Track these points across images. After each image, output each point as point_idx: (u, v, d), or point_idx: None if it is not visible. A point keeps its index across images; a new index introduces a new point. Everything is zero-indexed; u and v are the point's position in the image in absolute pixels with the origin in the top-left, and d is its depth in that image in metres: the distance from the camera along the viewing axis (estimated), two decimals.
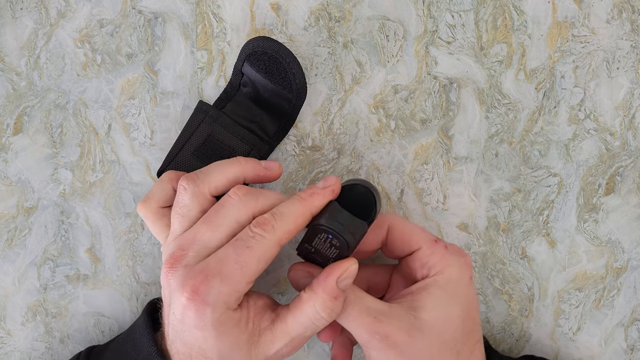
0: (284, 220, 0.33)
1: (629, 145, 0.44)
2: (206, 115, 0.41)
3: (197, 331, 0.32)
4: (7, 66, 0.44)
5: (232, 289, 0.32)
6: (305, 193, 0.34)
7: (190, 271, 0.32)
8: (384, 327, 0.33)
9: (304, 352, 0.44)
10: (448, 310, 0.34)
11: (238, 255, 0.32)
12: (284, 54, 0.41)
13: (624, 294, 0.44)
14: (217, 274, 0.31)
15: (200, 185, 0.35)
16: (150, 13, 0.44)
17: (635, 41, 0.44)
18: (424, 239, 0.36)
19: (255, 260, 0.32)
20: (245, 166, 0.36)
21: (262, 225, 0.32)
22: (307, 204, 0.34)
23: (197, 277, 0.32)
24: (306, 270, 0.35)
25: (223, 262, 0.32)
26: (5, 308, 0.44)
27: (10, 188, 0.44)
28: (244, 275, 0.32)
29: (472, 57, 0.44)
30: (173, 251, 0.34)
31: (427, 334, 0.33)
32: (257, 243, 0.32)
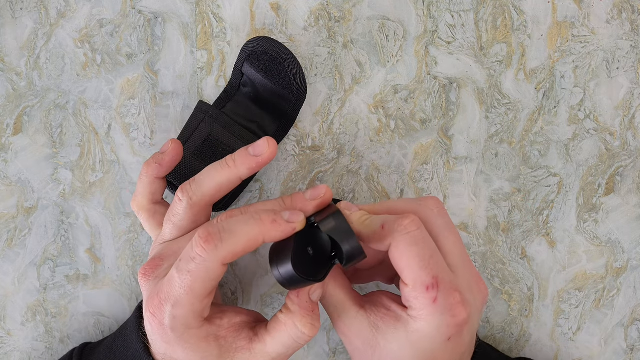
0: (231, 241, 0.30)
1: (628, 145, 0.44)
2: (206, 115, 0.41)
3: (165, 344, 0.32)
4: (7, 66, 0.44)
5: (185, 311, 0.31)
6: (267, 216, 0.31)
7: (154, 288, 0.32)
8: (343, 327, 0.34)
9: (304, 352, 0.44)
10: (400, 355, 0.32)
11: (181, 280, 0.30)
12: (284, 54, 0.41)
13: (624, 294, 0.44)
14: (168, 298, 0.31)
15: (194, 197, 0.34)
16: (150, 13, 0.44)
17: (635, 41, 0.44)
18: (415, 280, 0.31)
19: (200, 283, 0.30)
20: (235, 168, 0.34)
21: (204, 244, 0.30)
22: (263, 229, 0.31)
23: (154, 300, 0.31)
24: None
25: (171, 286, 0.31)
26: (5, 308, 0.44)
27: (10, 188, 0.44)
28: (193, 297, 0.31)
29: (472, 57, 0.44)
30: (153, 258, 0.34)
31: (377, 358, 0.33)
32: (197, 267, 0.30)
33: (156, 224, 0.38)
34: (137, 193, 0.38)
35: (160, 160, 0.37)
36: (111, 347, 0.37)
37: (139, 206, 0.38)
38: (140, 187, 0.38)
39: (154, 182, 0.38)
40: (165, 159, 0.37)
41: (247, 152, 0.34)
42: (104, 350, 0.38)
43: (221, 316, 0.34)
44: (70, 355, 0.39)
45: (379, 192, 0.44)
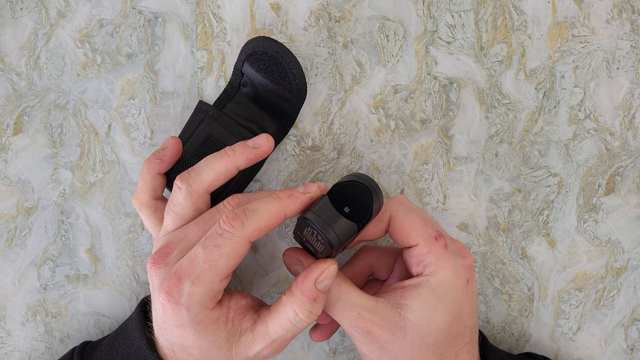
0: (256, 218, 0.32)
1: (628, 145, 0.44)
2: (206, 115, 0.41)
3: (176, 329, 0.33)
4: (7, 66, 0.44)
5: (204, 289, 0.32)
6: (284, 193, 0.34)
7: (168, 271, 0.33)
8: (366, 323, 0.33)
9: (304, 352, 0.44)
10: (433, 315, 0.33)
11: (207, 254, 0.32)
12: (284, 54, 0.41)
13: (624, 294, 0.44)
14: (188, 275, 0.32)
15: (193, 184, 0.35)
16: (150, 13, 0.44)
17: (635, 41, 0.44)
18: (423, 236, 0.34)
19: (224, 259, 0.32)
20: (234, 157, 0.36)
21: (232, 221, 0.32)
22: (282, 204, 0.33)
23: (171, 279, 0.32)
24: (296, 257, 0.35)
25: (193, 263, 0.32)
26: (5, 308, 0.44)
27: (10, 188, 0.44)
28: (214, 274, 0.32)
29: (472, 57, 0.44)
30: (161, 247, 0.34)
31: (409, 335, 0.33)
32: (225, 241, 0.32)
33: (157, 220, 0.38)
34: (138, 190, 0.39)
35: (162, 155, 0.38)
36: (113, 344, 0.37)
37: (140, 202, 0.38)
38: (142, 183, 0.38)
39: (155, 178, 0.38)
40: (166, 154, 0.38)
41: (246, 144, 0.37)
42: (105, 348, 0.38)
43: (229, 298, 0.35)
44: (71, 354, 0.39)
45: None
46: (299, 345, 0.44)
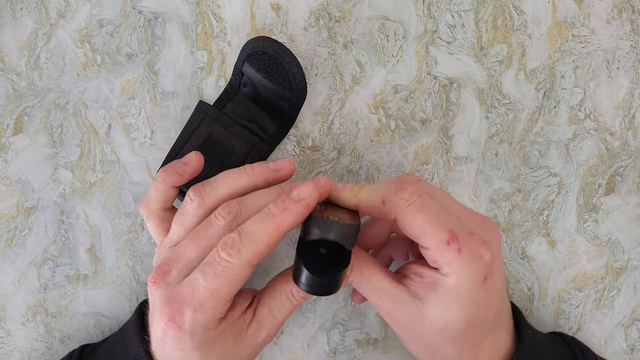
0: (252, 242, 0.31)
1: (629, 145, 0.44)
2: (206, 115, 0.41)
3: (178, 352, 0.32)
4: (7, 66, 0.44)
5: (207, 315, 0.32)
6: (277, 208, 0.32)
7: (169, 294, 0.32)
8: (387, 306, 0.34)
9: (304, 352, 0.44)
10: (449, 314, 0.33)
11: (207, 282, 0.31)
12: (284, 54, 0.41)
13: (624, 294, 0.44)
14: (190, 302, 0.31)
15: (207, 198, 0.34)
16: (150, 13, 0.44)
17: (635, 41, 0.44)
18: (434, 241, 0.32)
19: (226, 286, 0.31)
20: (253, 176, 0.35)
21: (229, 249, 0.31)
22: (277, 221, 0.32)
23: (172, 305, 0.31)
24: None
25: (195, 290, 0.31)
26: (5, 308, 0.44)
27: (10, 188, 0.44)
28: (217, 301, 0.31)
29: (472, 57, 0.44)
30: (160, 264, 0.33)
31: (426, 325, 0.33)
32: (224, 270, 0.31)
33: (164, 230, 0.37)
34: (149, 199, 0.37)
35: (182, 171, 0.37)
36: (110, 351, 0.37)
37: (149, 211, 0.37)
38: (155, 193, 0.37)
39: (169, 190, 0.37)
40: (186, 171, 0.37)
41: (267, 165, 0.35)
42: (104, 353, 0.38)
43: (233, 306, 0.34)
44: (70, 357, 0.39)
45: None
46: (298, 345, 0.44)
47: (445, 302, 0.32)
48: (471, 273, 0.32)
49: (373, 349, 0.44)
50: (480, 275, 0.32)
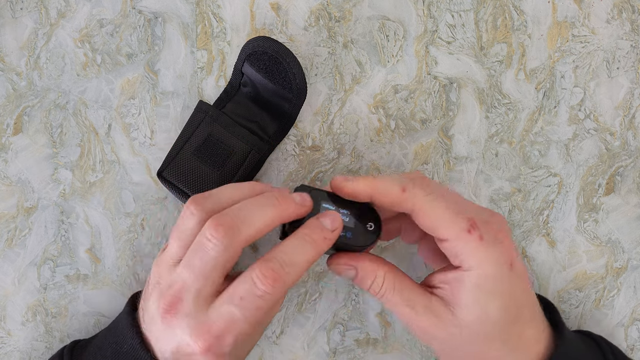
0: (295, 271, 0.31)
1: (629, 145, 0.44)
2: (206, 115, 0.41)
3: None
4: (7, 66, 0.44)
5: (246, 337, 0.32)
6: (318, 235, 0.32)
7: (197, 325, 0.31)
8: (421, 321, 0.33)
9: (304, 352, 0.44)
10: (487, 308, 0.31)
11: (246, 317, 0.31)
12: (284, 54, 0.41)
13: (624, 294, 0.44)
14: (229, 333, 0.31)
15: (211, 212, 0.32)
16: (150, 13, 0.44)
17: (635, 41, 0.44)
18: (453, 231, 0.31)
19: (265, 314, 0.32)
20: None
21: (272, 282, 0.30)
22: (319, 249, 0.32)
23: (206, 337, 0.31)
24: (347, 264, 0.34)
25: (232, 323, 0.31)
26: (5, 308, 0.44)
27: (10, 188, 0.44)
28: (256, 326, 0.32)
29: (472, 57, 0.44)
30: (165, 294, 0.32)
31: (466, 332, 0.32)
32: (265, 303, 0.31)
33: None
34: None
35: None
36: (102, 344, 0.37)
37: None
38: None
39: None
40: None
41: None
42: (95, 348, 0.37)
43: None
44: (61, 353, 0.39)
45: None
46: (299, 345, 0.44)
47: (478, 299, 0.32)
48: (496, 258, 0.31)
49: (373, 349, 0.44)
50: (506, 260, 0.31)
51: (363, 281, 0.34)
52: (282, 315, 0.44)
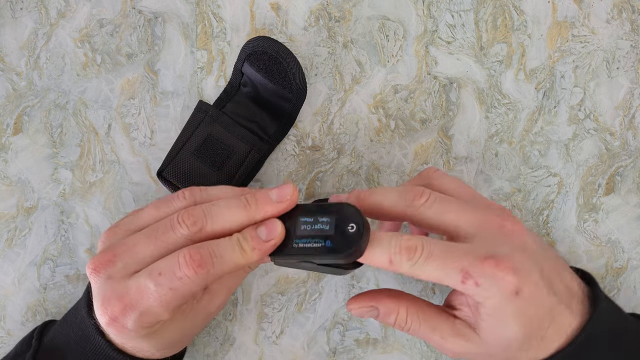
0: (220, 268, 0.30)
1: (628, 145, 0.44)
2: (206, 115, 0.41)
3: (124, 340, 0.32)
4: (7, 66, 0.44)
5: (153, 319, 0.31)
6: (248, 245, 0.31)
7: (110, 289, 0.31)
8: (450, 346, 0.34)
9: (304, 352, 0.44)
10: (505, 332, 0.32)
11: (159, 293, 0.30)
12: (284, 54, 0.41)
13: (623, 294, 0.44)
14: (135, 306, 0.30)
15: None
16: (150, 13, 0.44)
17: (635, 41, 0.44)
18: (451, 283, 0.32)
19: (178, 300, 0.30)
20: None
21: (197, 267, 0.29)
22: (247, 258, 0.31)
23: (115, 304, 0.30)
24: (368, 305, 0.35)
25: (142, 295, 0.30)
26: (5, 308, 0.44)
27: (10, 188, 0.44)
28: (165, 310, 0.31)
29: (472, 57, 0.44)
30: (105, 250, 0.32)
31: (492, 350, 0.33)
32: (182, 286, 0.30)
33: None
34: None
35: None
36: (65, 318, 0.37)
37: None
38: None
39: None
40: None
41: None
42: (60, 322, 0.38)
43: None
44: (32, 332, 0.39)
45: None
46: (298, 345, 0.44)
47: (493, 324, 0.32)
48: (499, 295, 0.31)
49: (373, 349, 0.44)
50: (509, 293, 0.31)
51: (387, 318, 0.34)
52: (282, 315, 0.44)
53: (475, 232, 0.33)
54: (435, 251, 0.31)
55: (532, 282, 0.32)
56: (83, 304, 0.35)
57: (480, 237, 0.33)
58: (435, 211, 0.33)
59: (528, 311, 0.32)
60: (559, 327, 0.33)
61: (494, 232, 0.33)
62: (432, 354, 0.44)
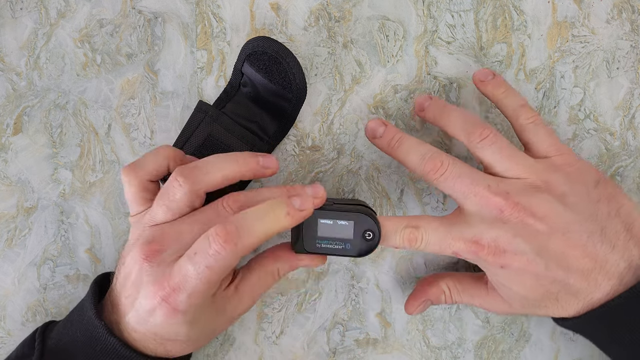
0: (249, 238, 0.32)
1: (628, 145, 0.44)
2: (206, 115, 0.41)
3: (167, 325, 0.34)
4: (7, 66, 0.44)
5: (200, 297, 0.33)
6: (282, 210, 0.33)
7: (160, 275, 0.33)
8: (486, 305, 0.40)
9: (304, 352, 0.44)
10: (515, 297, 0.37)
11: (198, 273, 0.32)
12: (284, 54, 0.41)
13: None
14: (183, 288, 0.32)
15: (197, 184, 0.35)
16: (150, 13, 0.44)
17: (635, 41, 0.44)
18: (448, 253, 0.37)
19: (217, 275, 0.32)
20: (243, 166, 0.36)
21: (223, 243, 0.31)
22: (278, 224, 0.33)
23: (165, 287, 0.33)
24: (422, 301, 0.41)
25: (187, 279, 0.32)
26: (5, 308, 0.44)
27: (10, 188, 0.44)
28: (210, 286, 0.33)
29: (472, 57, 0.44)
30: (153, 242, 0.34)
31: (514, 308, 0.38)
32: (216, 262, 0.31)
33: (144, 199, 0.37)
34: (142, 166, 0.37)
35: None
36: (68, 319, 0.38)
37: (135, 177, 0.36)
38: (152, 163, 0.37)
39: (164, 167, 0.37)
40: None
41: (257, 159, 0.36)
42: (63, 323, 0.38)
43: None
44: (34, 332, 0.39)
45: (379, 192, 0.44)
46: (298, 345, 0.44)
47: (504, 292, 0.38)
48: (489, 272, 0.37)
49: (373, 349, 0.44)
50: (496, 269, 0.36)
51: (438, 301, 0.41)
52: (282, 316, 0.44)
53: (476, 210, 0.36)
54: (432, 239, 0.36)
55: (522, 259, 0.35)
56: (89, 305, 0.36)
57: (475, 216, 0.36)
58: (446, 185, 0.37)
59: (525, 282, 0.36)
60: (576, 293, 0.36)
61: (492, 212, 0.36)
62: (432, 354, 0.44)
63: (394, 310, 0.44)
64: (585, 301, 0.36)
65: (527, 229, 0.35)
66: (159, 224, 0.35)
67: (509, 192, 0.35)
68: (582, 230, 0.35)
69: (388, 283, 0.44)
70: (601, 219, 0.35)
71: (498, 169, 0.37)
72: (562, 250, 0.35)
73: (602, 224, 0.35)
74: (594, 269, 0.35)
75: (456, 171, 0.36)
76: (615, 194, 0.36)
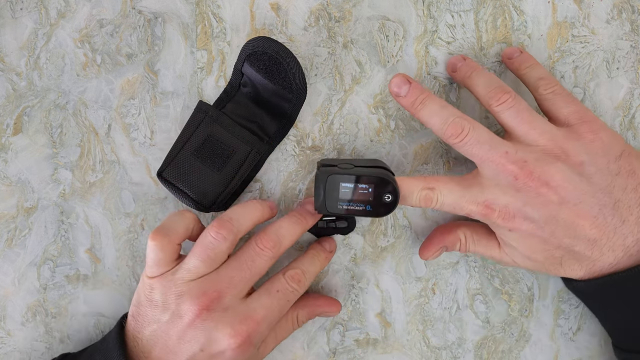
0: (311, 277, 0.40)
1: None
2: (206, 116, 0.41)
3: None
4: (7, 66, 0.44)
5: (268, 330, 0.38)
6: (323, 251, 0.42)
7: (236, 316, 0.36)
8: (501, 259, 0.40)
9: (304, 352, 0.44)
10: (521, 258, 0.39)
11: (281, 307, 0.38)
12: (284, 54, 0.41)
13: None
14: (264, 320, 0.37)
15: (238, 235, 0.38)
16: (150, 13, 0.44)
17: (635, 41, 0.44)
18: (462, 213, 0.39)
19: (288, 307, 0.39)
20: (264, 212, 0.40)
21: (298, 283, 0.39)
22: (322, 261, 0.42)
23: (249, 323, 0.36)
24: (438, 247, 0.42)
25: (269, 312, 0.37)
26: (5, 308, 0.44)
27: (10, 188, 0.44)
28: (279, 317, 0.39)
29: (472, 57, 0.44)
30: (205, 293, 0.36)
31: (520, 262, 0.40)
32: (294, 296, 0.39)
33: (170, 262, 0.38)
34: (173, 231, 0.38)
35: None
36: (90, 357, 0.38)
37: (168, 243, 0.37)
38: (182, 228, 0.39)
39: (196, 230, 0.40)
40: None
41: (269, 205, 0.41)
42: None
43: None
44: None
45: None
46: (298, 346, 0.44)
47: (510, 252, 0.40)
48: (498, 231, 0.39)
49: (373, 349, 0.44)
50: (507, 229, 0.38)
51: (453, 249, 0.42)
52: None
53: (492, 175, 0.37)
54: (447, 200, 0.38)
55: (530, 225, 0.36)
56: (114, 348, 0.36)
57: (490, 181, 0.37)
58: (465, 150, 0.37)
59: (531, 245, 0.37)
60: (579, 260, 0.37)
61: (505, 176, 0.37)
62: (432, 354, 0.44)
63: (394, 310, 0.44)
64: (587, 268, 0.37)
65: (539, 198, 0.36)
66: (202, 276, 0.37)
67: (527, 160, 0.36)
68: (594, 202, 0.36)
69: (388, 283, 0.44)
70: (617, 192, 0.36)
71: (517, 133, 0.38)
72: (572, 220, 0.36)
73: (616, 196, 0.36)
74: (601, 240, 0.36)
75: (476, 137, 0.37)
76: (637, 169, 0.37)
